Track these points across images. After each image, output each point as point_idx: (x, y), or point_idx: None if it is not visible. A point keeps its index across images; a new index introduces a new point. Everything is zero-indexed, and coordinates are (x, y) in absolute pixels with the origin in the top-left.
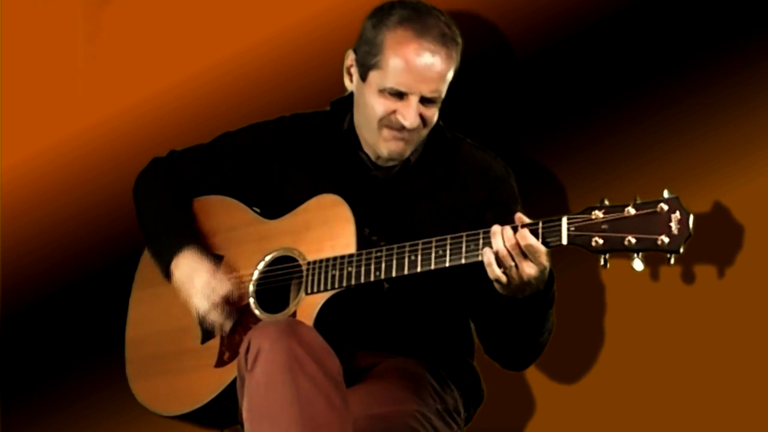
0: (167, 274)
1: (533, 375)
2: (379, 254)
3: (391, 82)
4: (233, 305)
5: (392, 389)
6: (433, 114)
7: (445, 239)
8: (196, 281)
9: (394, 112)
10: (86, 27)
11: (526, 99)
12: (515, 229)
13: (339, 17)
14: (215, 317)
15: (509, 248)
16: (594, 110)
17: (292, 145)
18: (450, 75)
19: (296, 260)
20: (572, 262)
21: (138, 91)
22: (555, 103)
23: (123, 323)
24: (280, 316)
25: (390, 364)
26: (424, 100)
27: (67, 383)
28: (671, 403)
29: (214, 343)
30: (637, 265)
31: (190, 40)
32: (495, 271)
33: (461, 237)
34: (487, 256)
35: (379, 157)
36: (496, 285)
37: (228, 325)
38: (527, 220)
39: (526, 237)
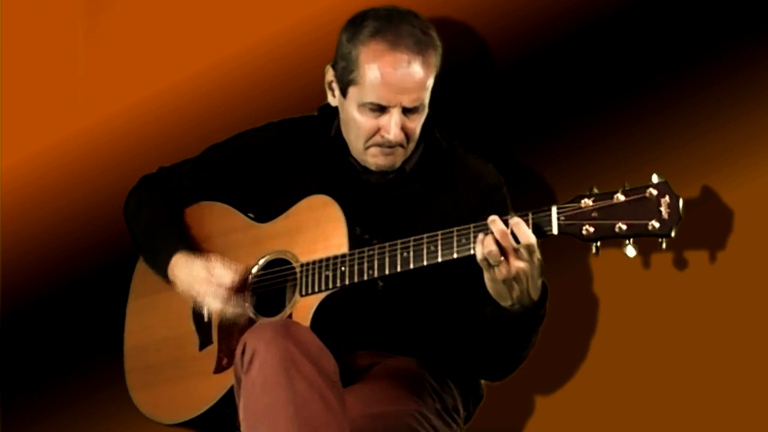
0: (167, 281)
1: (533, 374)
2: (371, 253)
3: (371, 97)
4: (241, 291)
5: (391, 389)
6: (416, 124)
7: (436, 235)
8: (197, 286)
9: (378, 130)
10: (86, 27)
11: (519, 97)
12: (506, 223)
13: (336, 19)
14: (230, 310)
15: (500, 240)
16: (585, 110)
17: (281, 152)
18: (430, 81)
19: (290, 263)
20: (564, 253)
21: (138, 92)
22: (548, 103)
23: (123, 323)
24: (276, 319)
25: (388, 364)
26: (406, 110)
27: (67, 383)
28: (672, 394)
29: (212, 349)
30: (630, 251)
31: (189, 41)
32: (485, 258)
33: (452, 232)
34: (479, 246)
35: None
36: (487, 277)
37: (245, 313)
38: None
39: (522, 228)
